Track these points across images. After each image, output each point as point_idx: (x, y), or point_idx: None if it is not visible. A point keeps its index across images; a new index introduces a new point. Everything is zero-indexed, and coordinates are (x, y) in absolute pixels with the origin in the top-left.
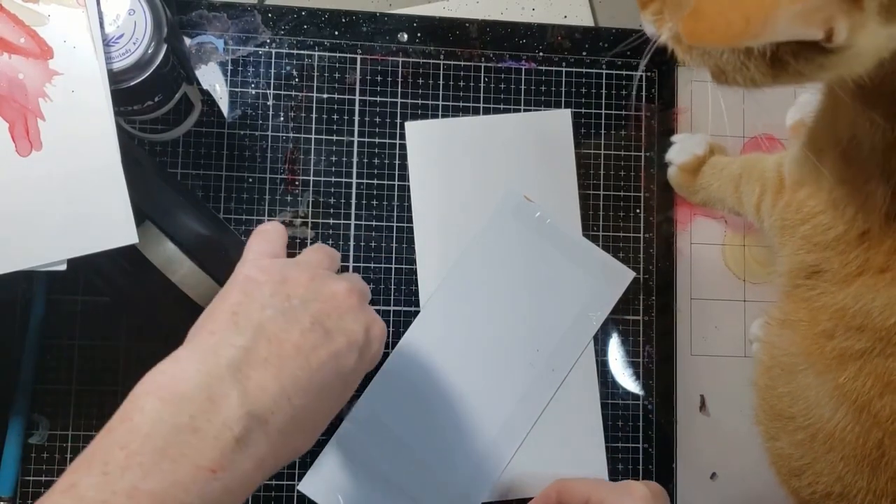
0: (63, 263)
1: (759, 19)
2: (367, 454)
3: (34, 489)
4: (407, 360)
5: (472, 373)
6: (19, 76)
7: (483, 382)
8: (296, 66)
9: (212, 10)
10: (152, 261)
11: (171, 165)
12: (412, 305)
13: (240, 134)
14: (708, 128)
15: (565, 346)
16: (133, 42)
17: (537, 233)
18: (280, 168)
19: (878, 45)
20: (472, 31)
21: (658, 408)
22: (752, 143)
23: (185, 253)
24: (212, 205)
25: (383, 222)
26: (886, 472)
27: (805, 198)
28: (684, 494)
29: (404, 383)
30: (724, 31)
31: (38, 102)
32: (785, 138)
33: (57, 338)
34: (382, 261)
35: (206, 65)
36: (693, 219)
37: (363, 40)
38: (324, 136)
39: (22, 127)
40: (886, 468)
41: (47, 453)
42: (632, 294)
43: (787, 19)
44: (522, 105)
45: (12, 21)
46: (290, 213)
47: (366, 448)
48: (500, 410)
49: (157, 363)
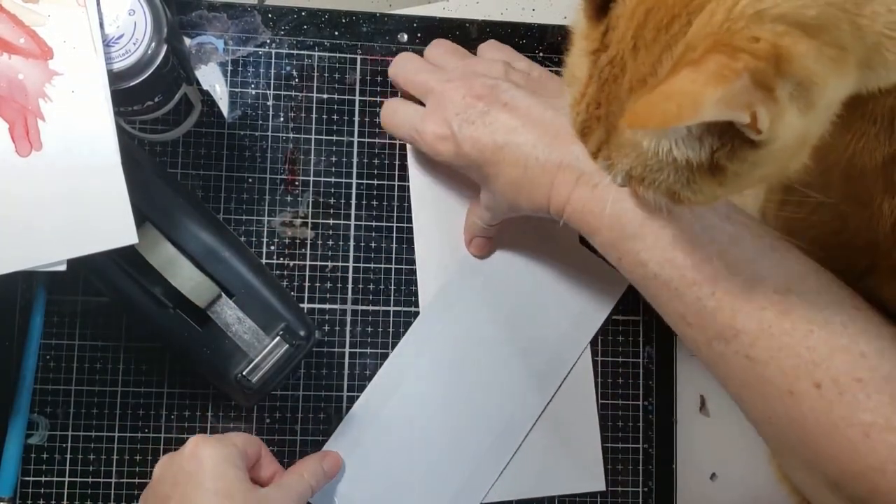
0: (63, 263)
1: (689, 104)
2: (362, 457)
3: (34, 489)
4: (404, 365)
5: (470, 377)
6: (19, 76)
7: (480, 387)
8: (296, 66)
9: (212, 11)
10: (151, 262)
11: (171, 165)
12: (412, 306)
13: (240, 134)
14: None
15: (562, 350)
16: (133, 42)
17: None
18: (280, 168)
19: (802, 134)
20: (472, 31)
21: (658, 408)
22: None
23: (184, 254)
24: (212, 205)
25: (383, 222)
26: None
27: (813, 208)
28: (684, 494)
29: (401, 389)
30: (660, 116)
31: (38, 103)
32: None
33: (57, 338)
34: (382, 261)
35: (206, 65)
36: None
37: (363, 40)
38: (324, 136)
39: (22, 127)
40: None
41: (47, 453)
42: (632, 294)
43: (713, 103)
44: None
45: (12, 21)
46: (290, 213)
47: (361, 451)
48: (496, 416)
49: (156, 363)
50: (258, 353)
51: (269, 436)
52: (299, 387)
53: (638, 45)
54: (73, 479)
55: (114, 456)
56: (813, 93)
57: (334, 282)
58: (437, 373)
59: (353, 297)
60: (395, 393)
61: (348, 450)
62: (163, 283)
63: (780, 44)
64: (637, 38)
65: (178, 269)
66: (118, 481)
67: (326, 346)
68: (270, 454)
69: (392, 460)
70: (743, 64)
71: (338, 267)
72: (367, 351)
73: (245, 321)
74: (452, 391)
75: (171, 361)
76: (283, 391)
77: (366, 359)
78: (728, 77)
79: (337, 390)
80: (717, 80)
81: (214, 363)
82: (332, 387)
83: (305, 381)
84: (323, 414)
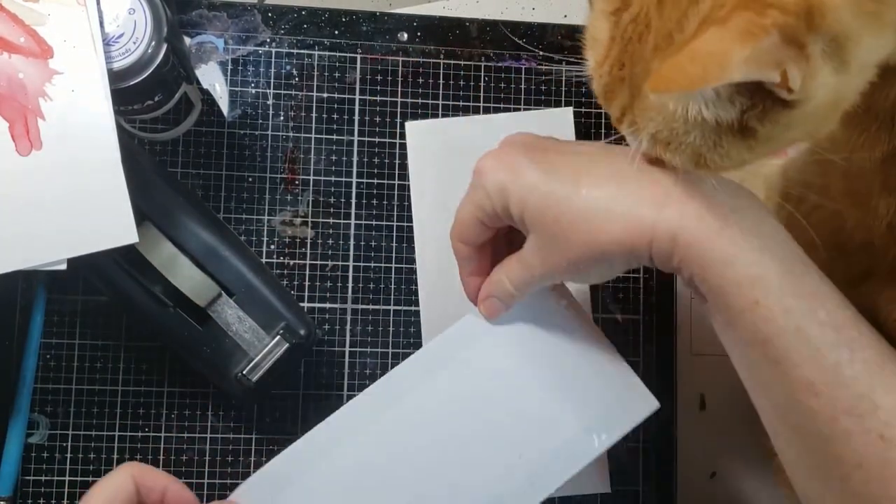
0: (63, 263)
1: (715, 66)
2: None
3: (34, 489)
4: (363, 420)
5: (439, 451)
6: (19, 75)
7: (451, 468)
8: (296, 65)
9: (212, 10)
10: (152, 261)
11: (171, 165)
12: (412, 305)
13: (240, 133)
14: None
15: (554, 463)
16: (133, 41)
17: (549, 320)
18: (280, 168)
19: (835, 95)
20: (472, 30)
21: None
22: None
23: (184, 254)
24: (212, 204)
25: (383, 222)
26: None
27: (811, 208)
28: (684, 494)
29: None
30: (684, 79)
31: (38, 102)
32: None
33: (57, 337)
34: (382, 260)
35: (206, 64)
36: None
37: (363, 40)
38: (324, 135)
39: (22, 126)
40: None
41: (47, 453)
42: (632, 294)
43: (740, 63)
44: (522, 104)
45: (12, 20)
46: (290, 212)
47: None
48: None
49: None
50: (258, 352)
51: (269, 435)
52: (299, 386)
53: (663, 0)
54: (73, 478)
55: (114, 455)
56: (847, 50)
57: (334, 281)
58: (395, 442)
59: (353, 297)
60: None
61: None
62: (163, 282)
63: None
64: None
65: (179, 269)
66: None
67: (326, 345)
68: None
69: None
70: (771, 20)
71: (338, 266)
72: (367, 350)
73: (245, 320)
74: (412, 466)
75: (171, 361)
76: (283, 391)
77: (366, 358)
78: (756, 34)
79: (337, 389)
80: (745, 38)
81: (214, 362)
82: (332, 386)
83: (305, 381)
84: (323, 413)
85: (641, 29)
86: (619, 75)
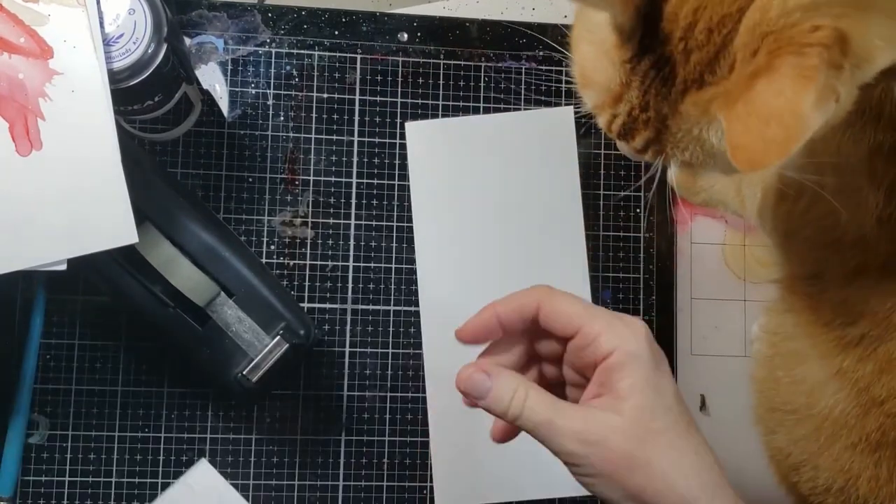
0: (63, 263)
1: (793, 123)
2: None
3: (34, 489)
4: None
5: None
6: (19, 76)
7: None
8: (296, 65)
9: (212, 10)
10: (151, 261)
11: (171, 165)
12: (412, 305)
13: (240, 134)
14: None
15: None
16: (133, 42)
17: None
18: (280, 168)
19: (853, 92)
20: (472, 30)
21: None
22: None
23: (183, 254)
24: (212, 205)
25: (383, 222)
26: (886, 454)
27: (807, 205)
28: None
29: None
30: (772, 148)
31: (38, 102)
32: None
33: (57, 338)
34: (382, 260)
35: (206, 65)
36: (693, 218)
37: (363, 40)
38: (324, 135)
39: (22, 126)
40: (885, 449)
41: (47, 453)
42: (632, 294)
43: (812, 109)
44: (522, 104)
45: (12, 21)
46: (290, 212)
47: None
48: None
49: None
50: (258, 353)
51: (269, 435)
52: (299, 386)
53: (689, 46)
54: (73, 478)
55: (114, 456)
56: (866, 68)
57: (334, 281)
58: None
59: (352, 297)
60: None
61: None
62: (163, 282)
63: (841, 26)
64: (687, 38)
65: (178, 269)
66: (118, 481)
67: (326, 345)
68: None
69: None
70: (818, 59)
71: (338, 266)
72: (367, 350)
73: (245, 320)
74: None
75: (171, 361)
76: (283, 391)
77: (366, 358)
78: (811, 77)
79: (337, 390)
80: (804, 84)
81: (214, 362)
82: (332, 386)
83: (305, 381)
84: (323, 413)
85: (666, 74)
86: (643, 117)
